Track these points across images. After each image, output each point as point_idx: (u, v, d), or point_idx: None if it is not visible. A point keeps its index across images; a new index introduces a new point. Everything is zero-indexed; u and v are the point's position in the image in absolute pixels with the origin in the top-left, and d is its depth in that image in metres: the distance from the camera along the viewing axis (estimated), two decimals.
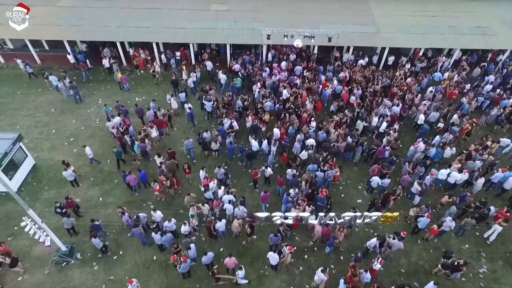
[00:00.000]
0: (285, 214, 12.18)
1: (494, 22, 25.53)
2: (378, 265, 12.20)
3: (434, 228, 13.93)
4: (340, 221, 12.42)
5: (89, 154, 16.76)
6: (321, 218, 12.31)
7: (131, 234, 14.01)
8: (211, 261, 12.84)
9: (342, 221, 12.43)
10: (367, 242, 13.46)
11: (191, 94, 21.64)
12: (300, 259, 13.95)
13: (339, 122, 18.38)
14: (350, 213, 12.15)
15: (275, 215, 12.19)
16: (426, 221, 13.99)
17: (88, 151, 16.65)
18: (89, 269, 13.41)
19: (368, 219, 12.29)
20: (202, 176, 15.20)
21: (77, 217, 15.06)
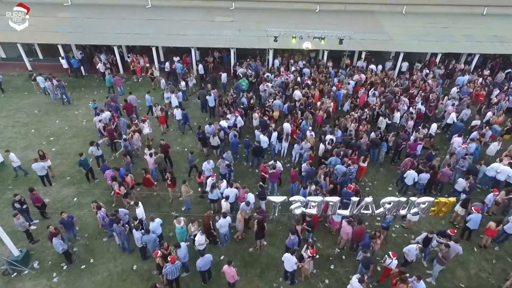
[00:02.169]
0: (307, 199, 9.23)
1: (509, 32, 24.42)
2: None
3: (490, 227, 10.87)
4: (379, 211, 9.48)
5: (14, 162, 13.38)
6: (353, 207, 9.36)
7: (109, 234, 11.14)
8: (209, 267, 9.65)
9: (381, 210, 9.48)
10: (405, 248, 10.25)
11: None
12: (324, 270, 10.69)
13: (358, 118, 16.10)
14: (393, 198, 9.24)
15: (293, 200, 9.26)
16: (477, 217, 11.01)
17: (14, 158, 13.29)
18: (46, 281, 10.16)
19: (416, 208, 9.37)
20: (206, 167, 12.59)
21: (43, 218, 12.07)
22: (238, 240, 11.43)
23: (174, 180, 12.44)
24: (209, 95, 17.42)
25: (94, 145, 13.61)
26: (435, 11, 27.06)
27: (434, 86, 19.36)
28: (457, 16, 26.63)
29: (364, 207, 9.32)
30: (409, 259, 9.90)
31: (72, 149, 15.71)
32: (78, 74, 22.27)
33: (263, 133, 14.53)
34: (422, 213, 9.51)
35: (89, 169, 13.50)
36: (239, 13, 26.03)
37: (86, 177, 13.66)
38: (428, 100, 17.91)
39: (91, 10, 25.41)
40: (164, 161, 13.70)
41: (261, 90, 18.64)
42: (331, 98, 17.57)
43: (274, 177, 12.58)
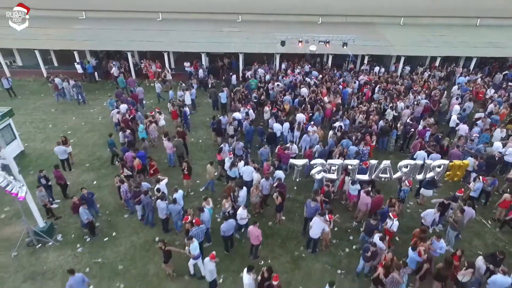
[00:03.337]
0: (328, 162, 9.59)
1: (504, 39, 25.71)
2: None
3: (506, 199, 11.14)
4: (397, 175, 9.84)
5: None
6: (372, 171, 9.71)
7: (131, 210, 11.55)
8: (232, 233, 9.84)
9: (399, 175, 9.83)
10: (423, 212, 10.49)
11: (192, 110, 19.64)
12: (344, 241, 10.86)
13: (366, 111, 16.72)
14: (410, 161, 9.62)
15: (315, 163, 9.63)
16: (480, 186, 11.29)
17: None
18: (70, 252, 10.26)
19: (432, 172, 9.73)
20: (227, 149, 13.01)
21: (64, 198, 12.30)
22: (256, 215, 11.62)
23: (190, 169, 12.35)
24: (222, 92, 18.10)
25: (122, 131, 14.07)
26: (431, 22, 28.56)
27: (436, 85, 20.19)
28: (452, 26, 28.06)
29: (382, 171, 9.67)
30: (426, 224, 10.10)
31: (89, 141, 16.17)
32: (92, 79, 23.10)
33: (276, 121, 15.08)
34: (438, 177, 9.84)
35: (114, 153, 13.89)
36: (245, 25, 27.38)
37: (111, 160, 14.15)
38: (432, 95, 18.66)
39: (104, 23, 26.72)
40: (182, 146, 14.08)
41: (269, 88, 19.38)
42: (338, 94, 18.27)
43: (287, 158, 12.94)
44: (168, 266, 9.21)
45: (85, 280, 8.24)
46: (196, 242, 9.01)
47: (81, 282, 8.14)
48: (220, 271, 9.55)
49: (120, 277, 9.49)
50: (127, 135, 14.06)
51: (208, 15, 28.17)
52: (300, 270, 9.81)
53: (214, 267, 8.38)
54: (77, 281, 8.01)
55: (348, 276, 9.66)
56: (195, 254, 8.94)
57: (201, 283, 9.32)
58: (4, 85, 19.79)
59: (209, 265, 8.34)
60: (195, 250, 8.94)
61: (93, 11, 27.92)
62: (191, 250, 8.88)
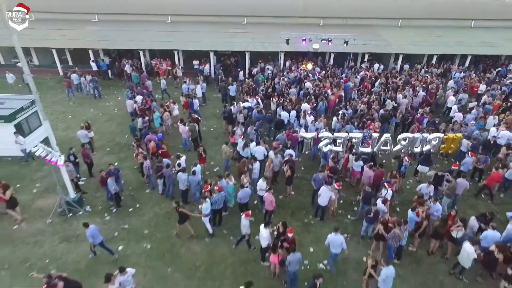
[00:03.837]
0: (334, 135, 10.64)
1: (496, 39, 27.01)
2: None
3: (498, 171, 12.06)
4: (397, 148, 10.86)
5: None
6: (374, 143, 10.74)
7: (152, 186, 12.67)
8: (248, 200, 10.82)
9: (399, 147, 10.86)
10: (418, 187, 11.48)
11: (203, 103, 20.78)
12: (349, 211, 11.83)
13: (367, 101, 17.82)
14: (408, 135, 10.66)
15: (322, 136, 10.67)
16: (469, 162, 12.24)
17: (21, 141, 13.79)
18: (99, 220, 11.23)
19: (428, 145, 10.76)
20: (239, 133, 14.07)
21: (89, 176, 13.30)
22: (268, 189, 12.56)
23: (205, 151, 13.27)
24: (232, 85, 19.24)
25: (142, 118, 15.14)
26: (427, 24, 29.97)
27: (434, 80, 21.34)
28: (447, 28, 29.43)
29: (383, 144, 10.68)
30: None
31: (108, 129, 17.24)
32: (105, 77, 24.26)
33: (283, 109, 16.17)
34: (434, 149, 10.85)
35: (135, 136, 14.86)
36: (250, 26, 28.74)
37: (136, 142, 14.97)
38: (429, 89, 19.78)
39: (115, 25, 28.12)
40: (196, 131, 15.11)
41: (275, 82, 20.52)
42: (340, 87, 19.42)
43: (295, 140, 13.96)
44: (181, 227, 10.23)
45: (98, 229, 9.40)
46: (208, 203, 10.07)
47: (97, 230, 9.28)
48: (237, 234, 10.52)
49: (147, 240, 10.44)
50: (145, 121, 15.11)
51: (214, 17, 29.61)
52: (310, 234, 10.76)
53: (248, 223, 9.44)
54: (93, 230, 9.18)
55: (354, 238, 10.61)
56: (206, 213, 9.99)
57: (219, 244, 10.28)
58: (25, 81, 20.92)
59: (244, 221, 9.44)
60: (207, 209, 10.04)
61: (105, 14, 29.39)
62: (203, 209, 10.00)
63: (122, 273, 7.81)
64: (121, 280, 7.81)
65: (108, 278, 7.62)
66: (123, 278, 7.84)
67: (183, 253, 10.00)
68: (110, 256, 9.71)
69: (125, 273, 7.85)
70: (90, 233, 9.16)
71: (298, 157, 14.41)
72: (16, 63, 24.87)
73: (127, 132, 16.59)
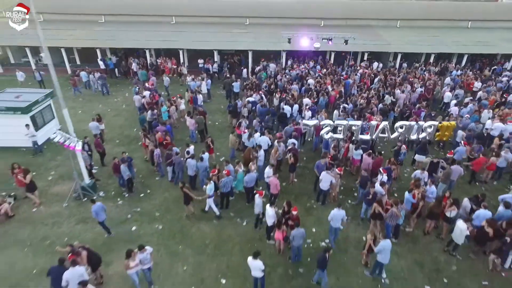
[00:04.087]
0: (335, 122, 11.29)
1: (492, 39, 27.74)
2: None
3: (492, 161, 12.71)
4: (395, 135, 11.50)
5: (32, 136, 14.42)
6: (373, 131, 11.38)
7: (161, 174, 13.34)
8: (253, 184, 11.45)
9: (396, 135, 11.50)
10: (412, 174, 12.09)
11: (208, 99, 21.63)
12: (349, 196, 12.45)
13: (366, 97, 18.48)
14: (405, 122, 11.31)
15: (324, 124, 11.31)
16: (462, 150, 12.83)
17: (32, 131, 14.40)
18: (112, 204, 11.88)
19: (424, 133, 11.40)
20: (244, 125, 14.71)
21: (101, 165, 13.96)
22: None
23: (213, 142, 13.92)
24: (236, 82, 19.95)
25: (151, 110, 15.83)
26: (425, 25, 30.70)
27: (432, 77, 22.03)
28: (445, 28, 30.18)
29: (381, 131, 11.32)
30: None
31: (117, 123, 17.92)
32: (113, 75, 24.97)
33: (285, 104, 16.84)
34: (430, 137, 11.49)
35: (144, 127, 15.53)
36: (253, 27, 29.50)
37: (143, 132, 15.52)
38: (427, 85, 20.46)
39: (121, 25, 28.89)
40: (203, 123, 15.77)
41: (278, 79, 21.22)
42: (341, 83, 20.11)
43: (298, 131, 14.60)
44: (188, 208, 10.92)
45: (104, 208, 10.04)
46: (212, 184, 10.78)
47: (101, 208, 9.91)
48: (244, 217, 11.21)
49: (158, 221, 11.07)
50: (154, 113, 15.77)
51: (217, 18, 30.39)
52: (312, 217, 11.38)
53: (261, 203, 10.09)
54: (98, 207, 9.82)
55: (354, 221, 11.22)
56: (210, 194, 10.70)
57: (227, 226, 10.90)
58: (37, 78, 21.71)
59: (257, 200, 10.14)
60: (211, 190, 10.76)
61: (111, 15, 30.17)
62: (207, 190, 10.72)
63: (141, 250, 8.23)
64: (140, 257, 8.23)
65: (129, 254, 8.04)
66: (142, 255, 8.26)
67: (193, 233, 10.61)
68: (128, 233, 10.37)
69: (144, 251, 8.27)
70: (95, 209, 9.77)
71: (300, 148, 15.06)
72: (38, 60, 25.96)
73: (135, 126, 17.32)
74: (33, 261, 9.46)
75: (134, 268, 8.14)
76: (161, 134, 14.16)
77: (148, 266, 8.51)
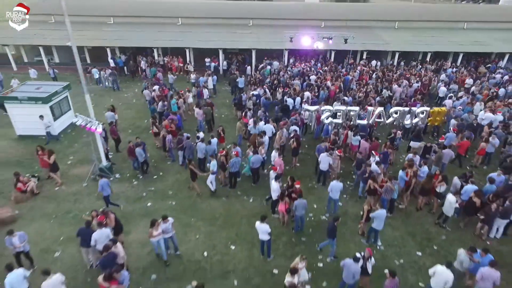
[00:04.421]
0: (334, 108, 12.23)
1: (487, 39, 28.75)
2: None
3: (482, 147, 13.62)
4: (390, 120, 12.42)
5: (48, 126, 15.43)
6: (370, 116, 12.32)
7: (172, 158, 14.28)
8: (259, 165, 12.38)
9: (391, 120, 12.42)
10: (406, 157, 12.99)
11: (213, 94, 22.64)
12: (348, 178, 13.36)
13: (365, 91, 19.47)
14: (399, 108, 12.24)
15: (324, 109, 12.26)
16: (452, 136, 13.72)
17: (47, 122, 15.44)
18: (128, 184, 12.84)
19: (417, 118, 12.32)
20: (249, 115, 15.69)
21: (116, 151, 14.94)
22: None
23: (224, 131, 14.71)
24: (240, 77, 21.00)
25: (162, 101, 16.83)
26: (423, 26, 31.72)
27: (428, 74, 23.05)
28: (442, 29, 31.20)
29: (377, 116, 12.26)
30: None
31: (129, 115, 18.94)
32: (122, 73, 26.06)
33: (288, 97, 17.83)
34: (422, 122, 12.41)
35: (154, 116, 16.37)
36: (256, 28, 30.60)
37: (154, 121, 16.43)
38: (422, 81, 21.46)
39: (129, 26, 30.00)
40: (210, 114, 16.76)
41: (280, 76, 22.25)
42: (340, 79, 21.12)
43: (302, 120, 15.54)
44: (194, 184, 11.90)
45: (108, 183, 10.92)
46: (215, 161, 11.80)
47: (107, 184, 10.84)
48: (250, 195, 12.13)
49: (171, 198, 12.00)
50: (164, 104, 16.78)
51: (222, 20, 31.49)
52: (314, 195, 12.29)
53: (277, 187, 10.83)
54: (104, 182, 10.76)
55: (352, 198, 12.13)
56: (213, 170, 11.66)
57: (234, 202, 11.82)
58: (51, 75, 22.84)
59: (272, 175, 11.16)
60: (214, 166, 11.75)
61: (119, 17, 31.31)
62: (211, 166, 11.74)
63: (164, 220, 8.97)
64: (163, 227, 8.97)
65: (153, 223, 8.76)
66: (165, 225, 9.00)
67: (204, 208, 11.54)
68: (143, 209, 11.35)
69: (167, 221, 9.01)
70: (102, 183, 10.68)
71: (302, 137, 15.99)
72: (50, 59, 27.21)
73: (146, 117, 18.30)
74: (59, 231, 10.39)
75: (157, 237, 8.88)
76: (168, 121, 15.14)
77: (170, 235, 9.25)
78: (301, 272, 7.62)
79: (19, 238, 8.61)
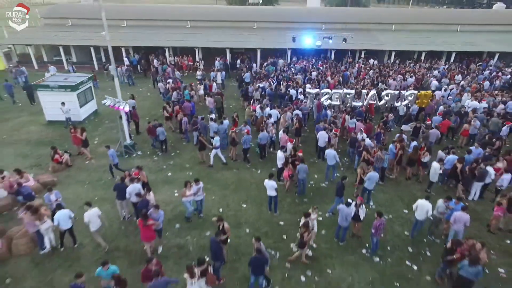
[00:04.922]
0: (332, 91, 13.84)
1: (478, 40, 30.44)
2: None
3: (465, 128, 15.16)
4: (382, 102, 13.99)
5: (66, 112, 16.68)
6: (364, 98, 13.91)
7: (187, 140, 15.97)
8: (265, 143, 13.96)
9: (383, 102, 14.00)
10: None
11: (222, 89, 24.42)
12: (344, 155, 14.88)
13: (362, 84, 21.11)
14: (390, 91, 13.83)
15: (323, 92, 13.87)
16: (437, 119, 15.29)
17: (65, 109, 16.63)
18: (149, 159, 14.46)
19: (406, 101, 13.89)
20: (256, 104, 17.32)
21: (136, 134, 16.60)
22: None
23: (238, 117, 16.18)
24: (247, 72, 22.74)
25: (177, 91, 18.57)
26: (418, 28, 33.45)
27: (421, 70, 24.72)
28: (436, 32, 32.95)
29: (371, 98, 13.86)
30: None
31: (145, 106, 20.61)
32: (135, 70, 27.87)
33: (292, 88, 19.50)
34: (411, 104, 13.98)
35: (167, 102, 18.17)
36: (260, 30, 32.48)
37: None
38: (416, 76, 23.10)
39: (142, 29, 31.98)
40: (220, 102, 18.42)
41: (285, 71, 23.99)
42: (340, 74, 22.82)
43: None
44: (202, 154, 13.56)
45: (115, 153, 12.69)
46: (217, 137, 13.39)
47: (115, 153, 12.60)
48: (258, 167, 13.69)
49: (188, 169, 13.62)
50: (179, 94, 18.48)
51: (228, 23, 33.44)
52: (315, 168, 13.84)
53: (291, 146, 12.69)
54: (113, 151, 12.47)
55: (348, 170, 13.67)
56: (216, 145, 13.21)
57: (245, 173, 13.39)
58: (70, 71, 24.68)
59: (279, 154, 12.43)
60: (217, 142, 13.35)
61: (132, 20, 33.33)
62: (214, 141, 13.28)
63: (196, 183, 10.29)
64: (195, 189, 10.23)
65: (186, 184, 10.10)
66: (197, 187, 10.25)
67: (218, 177, 13.13)
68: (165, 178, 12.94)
69: (199, 183, 10.34)
70: (111, 153, 12.37)
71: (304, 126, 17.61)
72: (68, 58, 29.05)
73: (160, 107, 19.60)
74: (93, 193, 11.99)
75: (189, 197, 10.20)
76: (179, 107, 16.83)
77: (201, 198, 10.53)
78: (313, 222, 9.04)
79: (55, 195, 10.12)
